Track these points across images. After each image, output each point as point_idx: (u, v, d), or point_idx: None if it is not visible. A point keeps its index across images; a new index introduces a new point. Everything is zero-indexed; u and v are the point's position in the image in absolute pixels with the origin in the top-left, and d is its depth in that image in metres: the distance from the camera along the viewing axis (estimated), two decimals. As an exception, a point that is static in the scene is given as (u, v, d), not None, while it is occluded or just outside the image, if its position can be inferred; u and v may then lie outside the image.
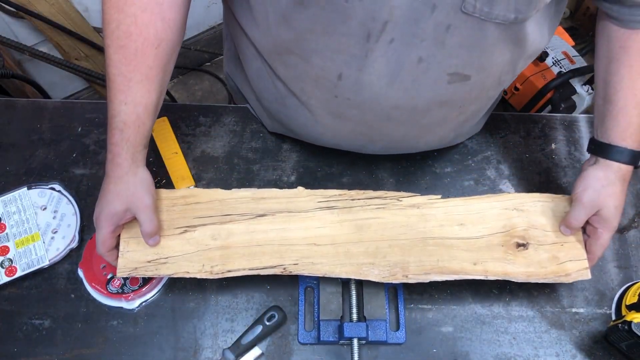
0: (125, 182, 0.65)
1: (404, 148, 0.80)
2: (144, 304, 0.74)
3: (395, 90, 0.63)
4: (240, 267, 0.68)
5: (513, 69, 0.67)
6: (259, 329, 0.70)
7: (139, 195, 0.65)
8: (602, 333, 0.72)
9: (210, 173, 0.84)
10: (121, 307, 0.73)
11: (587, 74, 1.80)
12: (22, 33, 1.57)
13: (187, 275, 0.67)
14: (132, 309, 0.73)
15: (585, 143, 0.88)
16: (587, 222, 0.68)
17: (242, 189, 0.73)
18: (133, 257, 0.68)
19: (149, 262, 0.68)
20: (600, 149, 0.67)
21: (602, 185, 0.66)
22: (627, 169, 0.66)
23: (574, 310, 0.74)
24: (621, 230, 0.80)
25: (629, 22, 0.62)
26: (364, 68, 0.60)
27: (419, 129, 0.73)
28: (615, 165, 0.66)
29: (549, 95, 1.73)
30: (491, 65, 0.62)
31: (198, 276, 0.67)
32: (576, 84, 1.77)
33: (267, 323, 0.70)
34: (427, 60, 0.59)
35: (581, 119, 0.90)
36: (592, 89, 1.79)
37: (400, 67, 0.59)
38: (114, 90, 0.62)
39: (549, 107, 1.77)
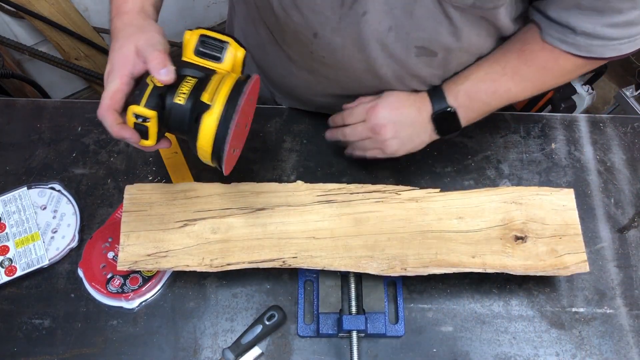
0: (135, 25, 0.58)
1: None
2: (143, 303, 0.74)
3: (366, 56, 0.65)
4: (239, 260, 0.68)
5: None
6: (258, 328, 0.70)
7: (149, 31, 0.56)
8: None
9: (210, 173, 0.84)
10: (121, 307, 0.73)
11: (587, 74, 1.80)
12: (21, 33, 1.58)
13: (187, 269, 0.67)
14: (132, 309, 0.73)
15: (585, 143, 0.88)
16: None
17: (241, 183, 0.74)
18: (133, 250, 0.68)
19: (149, 255, 0.68)
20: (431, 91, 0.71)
21: (390, 93, 0.71)
22: (426, 106, 0.70)
23: (574, 309, 0.74)
24: (621, 230, 0.80)
25: (547, 35, 0.63)
26: (337, 31, 0.63)
27: None
28: (424, 95, 0.70)
29: (549, 95, 1.73)
30: (458, 47, 0.64)
31: (198, 269, 0.67)
32: (576, 84, 1.77)
33: (267, 323, 0.70)
34: (396, 30, 0.61)
35: (581, 118, 0.90)
36: (592, 89, 1.79)
37: (371, 35, 0.62)
38: None
39: (549, 107, 1.77)
